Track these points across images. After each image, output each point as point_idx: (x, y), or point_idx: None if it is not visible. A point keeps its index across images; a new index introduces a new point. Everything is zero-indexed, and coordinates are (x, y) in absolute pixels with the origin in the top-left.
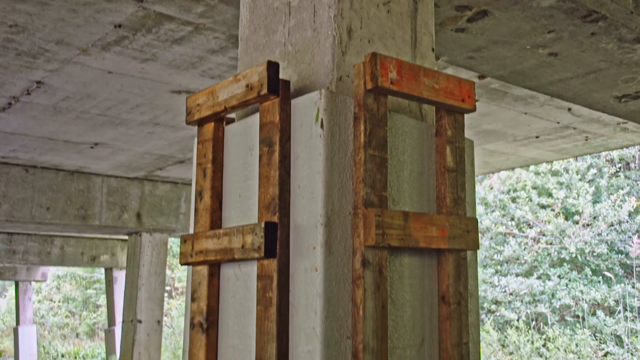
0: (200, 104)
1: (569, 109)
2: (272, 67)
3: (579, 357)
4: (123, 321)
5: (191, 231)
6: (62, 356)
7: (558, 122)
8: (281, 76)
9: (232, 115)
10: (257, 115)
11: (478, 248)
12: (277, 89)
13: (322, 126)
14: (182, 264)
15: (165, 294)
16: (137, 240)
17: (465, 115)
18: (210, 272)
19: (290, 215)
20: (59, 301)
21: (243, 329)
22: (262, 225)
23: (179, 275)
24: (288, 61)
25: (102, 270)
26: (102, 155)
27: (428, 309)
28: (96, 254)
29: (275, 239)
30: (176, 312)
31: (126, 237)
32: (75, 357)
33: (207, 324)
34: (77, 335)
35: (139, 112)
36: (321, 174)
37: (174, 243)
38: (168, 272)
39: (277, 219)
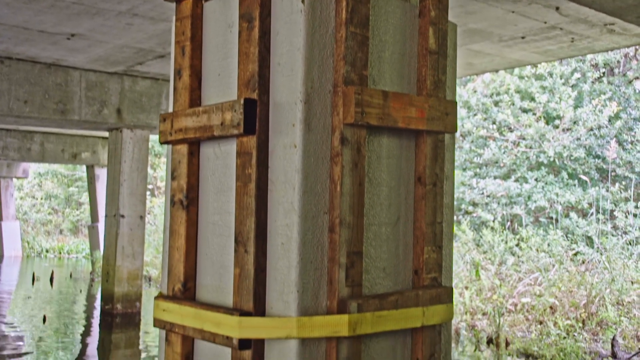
0: None
1: (557, 8)
2: None
3: (549, 256)
4: (106, 216)
5: (170, 110)
6: (47, 251)
7: (545, 22)
8: None
9: None
10: None
11: (456, 131)
12: None
13: (303, 1)
14: (161, 143)
15: (148, 193)
16: (118, 136)
17: (451, 13)
18: (190, 150)
19: (270, 92)
20: (41, 198)
21: (222, 206)
22: (242, 102)
23: (161, 174)
24: None
25: (84, 168)
26: (79, 47)
27: (404, 189)
28: (77, 151)
29: (255, 116)
30: (159, 210)
31: (107, 135)
32: (60, 252)
33: (187, 201)
34: (61, 231)
35: (116, 2)
36: (301, 50)
37: (155, 142)
38: (150, 171)
39: (256, 96)
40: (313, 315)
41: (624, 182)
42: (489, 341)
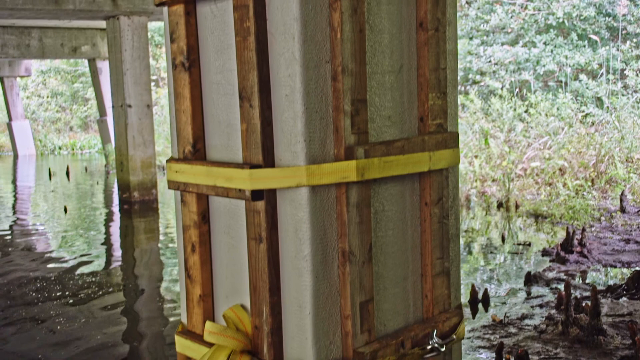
0: None
1: None
2: None
3: (559, 119)
4: (113, 107)
5: None
6: (59, 148)
7: None
8: None
9: None
10: None
11: None
12: None
13: None
14: (156, 5)
15: (152, 84)
16: (115, 24)
17: None
18: (186, 10)
19: None
20: (48, 96)
21: (224, 64)
22: None
23: (163, 65)
24: None
25: (86, 63)
26: None
27: (406, 36)
28: (76, 44)
29: None
30: (165, 100)
31: (105, 26)
32: (73, 149)
33: (188, 63)
34: (71, 128)
35: None
36: None
37: (154, 32)
38: (152, 62)
39: None
40: (321, 163)
41: (635, 40)
42: (499, 205)
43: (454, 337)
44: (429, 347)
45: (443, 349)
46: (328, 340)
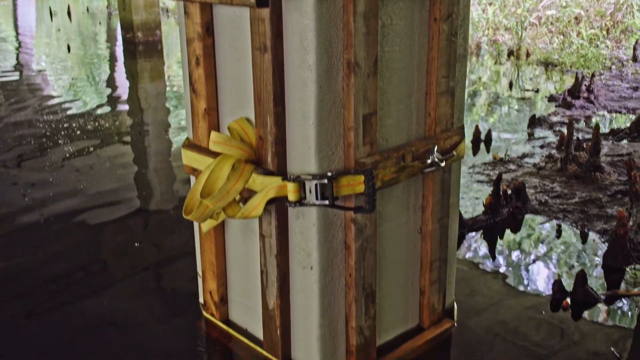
0: None
1: None
2: None
3: None
4: None
5: None
6: None
7: None
8: None
9: None
10: None
11: None
12: None
13: None
14: None
15: None
16: None
17: None
18: None
19: None
20: None
21: None
22: None
23: None
24: None
25: None
26: None
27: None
28: None
29: None
30: None
31: None
32: None
33: None
34: None
35: None
36: None
37: None
38: None
39: None
40: None
41: None
42: (510, 53)
43: (454, 153)
44: (429, 161)
45: (443, 164)
46: (330, 150)
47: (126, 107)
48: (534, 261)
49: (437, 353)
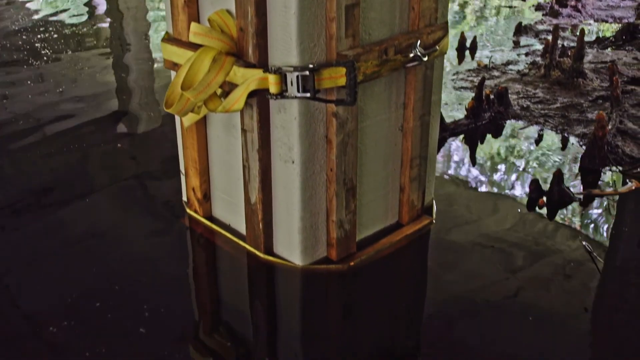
0: None
1: None
2: None
3: None
4: None
5: None
6: None
7: None
8: None
9: None
10: None
11: None
12: None
13: None
14: None
15: None
16: None
17: None
18: None
19: None
20: None
21: None
22: None
23: None
24: None
25: None
26: None
27: None
28: None
29: None
30: None
31: None
32: None
33: None
34: None
35: None
36: None
37: None
38: None
39: None
40: None
41: None
42: None
43: (437, 48)
44: (411, 55)
45: (425, 59)
46: (312, 42)
47: (105, 21)
48: (513, 165)
49: (416, 247)
